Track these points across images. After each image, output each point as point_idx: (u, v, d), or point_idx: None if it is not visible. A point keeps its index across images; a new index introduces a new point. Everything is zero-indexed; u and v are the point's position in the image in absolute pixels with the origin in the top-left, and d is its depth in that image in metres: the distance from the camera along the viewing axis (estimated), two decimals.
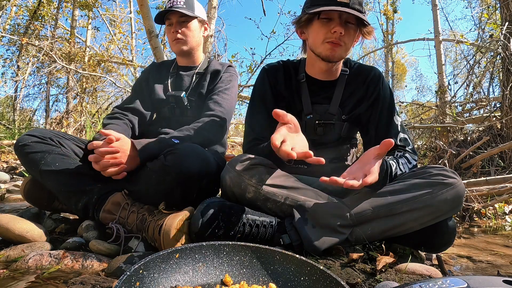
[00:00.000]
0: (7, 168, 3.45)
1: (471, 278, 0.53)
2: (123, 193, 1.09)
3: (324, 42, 1.08)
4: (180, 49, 1.46)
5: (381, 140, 1.16)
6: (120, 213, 1.03)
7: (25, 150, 1.13)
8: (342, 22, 1.05)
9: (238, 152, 5.39)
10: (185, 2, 1.44)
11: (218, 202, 0.94)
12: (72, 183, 1.09)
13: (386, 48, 13.89)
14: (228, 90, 1.44)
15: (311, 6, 1.07)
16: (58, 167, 1.10)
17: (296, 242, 0.90)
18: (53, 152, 1.13)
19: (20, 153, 1.14)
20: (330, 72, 1.20)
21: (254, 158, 1.01)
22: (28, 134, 1.17)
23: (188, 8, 1.44)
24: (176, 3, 1.43)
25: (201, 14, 1.51)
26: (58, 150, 1.15)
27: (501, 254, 1.30)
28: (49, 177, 1.10)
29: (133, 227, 1.01)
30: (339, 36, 1.05)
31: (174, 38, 1.45)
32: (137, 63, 6.94)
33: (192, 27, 1.47)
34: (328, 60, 1.12)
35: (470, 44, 4.96)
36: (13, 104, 8.24)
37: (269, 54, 5.05)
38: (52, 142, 1.18)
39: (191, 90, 1.48)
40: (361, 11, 1.04)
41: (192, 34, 1.47)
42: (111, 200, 1.07)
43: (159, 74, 1.55)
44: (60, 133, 1.25)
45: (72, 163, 1.13)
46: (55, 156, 1.12)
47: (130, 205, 1.05)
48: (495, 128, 3.51)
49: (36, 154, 1.12)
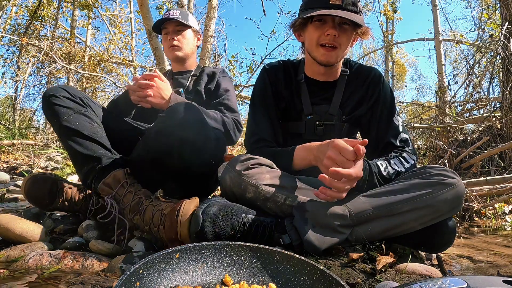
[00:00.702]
0: (7, 168, 3.45)
1: (471, 278, 0.53)
2: (125, 171, 1.10)
3: (319, 45, 1.09)
4: (175, 55, 1.58)
5: (382, 140, 1.17)
6: (117, 190, 1.05)
7: (53, 101, 1.14)
8: (336, 24, 1.06)
9: (238, 152, 5.39)
10: (181, 13, 1.57)
11: (218, 202, 0.94)
12: (84, 145, 1.12)
13: (386, 48, 13.89)
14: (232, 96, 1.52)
15: (305, 10, 1.08)
16: (77, 127, 1.12)
17: (296, 242, 0.90)
18: (78, 111, 1.15)
19: (47, 102, 1.15)
20: (329, 73, 1.21)
21: (254, 158, 1.01)
22: (60, 86, 1.19)
23: (183, 19, 1.57)
24: (172, 14, 1.56)
25: (195, 25, 1.64)
26: (83, 111, 1.17)
27: (501, 254, 1.30)
28: (66, 134, 1.12)
29: (127, 207, 1.02)
30: (334, 38, 1.06)
31: (170, 45, 1.57)
32: (137, 63, 6.95)
33: (187, 35, 1.60)
34: (323, 64, 1.13)
35: (470, 44, 4.97)
36: (13, 104, 8.24)
37: (269, 54, 5.05)
38: (81, 102, 1.20)
39: (188, 89, 1.55)
40: (355, 11, 1.04)
41: (186, 42, 1.59)
42: (113, 174, 1.08)
43: None
44: (89, 98, 1.27)
45: (92, 126, 1.16)
46: (79, 116, 1.14)
47: (129, 184, 1.06)
48: (495, 128, 3.51)
49: (62, 108, 1.14)
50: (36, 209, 1.30)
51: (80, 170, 1.14)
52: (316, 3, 1.05)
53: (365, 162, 0.96)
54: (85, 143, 1.12)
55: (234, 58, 5.47)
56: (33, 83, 8.23)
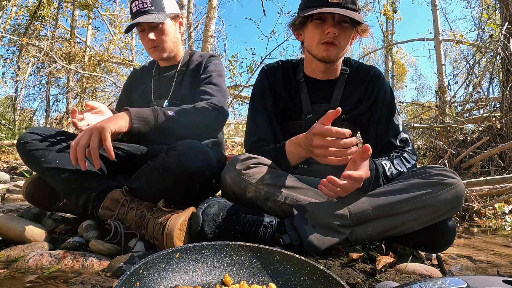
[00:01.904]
0: (7, 168, 3.45)
1: (471, 278, 0.53)
2: (123, 190, 1.09)
3: (319, 43, 1.09)
4: (160, 56, 1.40)
5: (382, 140, 1.17)
6: (119, 210, 1.04)
7: (27, 148, 1.13)
8: (335, 22, 1.06)
9: (238, 152, 5.39)
10: (152, 2, 1.29)
11: (218, 202, 0.94)
12: (72, 179, 1.10)
13: (386, 48, 13.89)
14: (216, 79, 1.38)
15: (305, 9, 1.08)
16: (58, 164, 1.10)
17: (296, 242, 0.90)
18: (54, 150, 1.13)
19: (22, 150, 1.15)
20: (329, 71, 1.20)
21: (254, 158, 1.01)
22: (29, 131, 1.17)
23: (157, 8, 1.29)
24: (143, 6, 1.29)
25: (172, 9, 1.36)
26: (59, 147, 1.16)
27: (500, 254, 1.30)
28: (50, 174, 1.11)
29: (132, 223, 1.01)
30: (333, 36, 1.06)
31: (150, 46, 1.36)
32: (137, 63, 6.95)
33: (166, 29, 1.34)
34: (324, 61, 1.12)
35: (470, 44, 4.97)
36: (13, 104, 8.24)
37: (269, 54, 5.06)
38: (54, 139, 1.18)
39: (174, 93, 1.43)
40: (354, 9, 1.04)
41: (167, 38, 1.36)
42: (110, 196, 1.07)
43: (141, 82, 1.53)
44: (61, 131, 1.25)
45: None
46: (55, 154, 1.13)
47: (129, 201, 1.05)
48: (495, 128, 3.51)
49: (37, 152, 1.12)
50: (36, 209, 1.31)
51: (76, 204, 1.10)
52: (315, 2, 1.05)
53: (371, 162, 0.96)
54: (72, 177, 1.09)
55: (234, 58, 5.47)
56: (33, 83, 8.23)
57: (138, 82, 1.55)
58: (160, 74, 1.50)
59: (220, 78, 1.41)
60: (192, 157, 1.02)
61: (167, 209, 0.99)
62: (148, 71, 1.55)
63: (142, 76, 1.56)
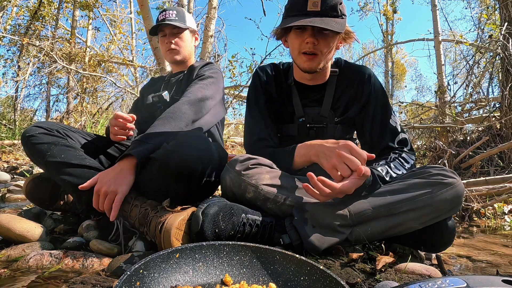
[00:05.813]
0: (8, 168, 3.45)
1: (471, 277, 0.53)
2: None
3: (300, 53, 1.09)
4: (173, 58, 1.55)
5: (377, 141, 1.16)
6: (123, 207, 1.04)
7: (32, 141, 1.13)
8: (315, 31, 1.05)
9: (238, 152, 5.39)
10: (177, 15, 1.53)
11: (218, 202, 0.94)
12: (77, 174, 1.09)
13: (386, 49, 13.89)
14: (205, 79, 1.42)
15: (285, 17, 1.08)
16: (63, 159, 1.10)
17: (296, 242, 0.90)
18: (59, 144, 1.14)
19: (26, 143, 1.15)
20: (317, 77, 1.20)
21: (254, 158, 1.01)
22: (35, 125, 1.18)
23: (180, 20, 1.53)
24: (168, 16, 1.52)
25: (192, 25, 1.60)
26: (64, 142, 1.16)
27: (500, 253, 1.30)
28: (54, 168, 1.11)
29: (135, 221, 1.01)
30: (313, 46, 1.05)
31: (168, 48, 1.54)
32: (137, 63, 6.96)
33: (184, 37, 1.56)
34: (306, 71, 1.12)
35: (469, 45, 4.97)
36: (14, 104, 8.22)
37: (269, 54, 5.05)
38: (59, 134, 1.19)
39: (176, 90, 1.53)
40: (336, 15, 1.02)
41: (184, 44, 1.56)
42: None
43: (154, 86, 1.64)
44: (66, 126, 1.26)
45: (78, 154, 1.14)
46: (61, 148, 1.13)
47: (133, 198, 1.05)
48: (495, 128, 3.51)
49: (42, 145, 1.12)
50: (36, 209, 1.31)
51: (80, 201, 1.10)
52: (294, 10, 1.05)
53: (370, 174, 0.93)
54: (76, 172, 1.09)
55: (234, 58, 5.47)
56: (34, 83, 8.21)
57: (152, 86, 1.67)
58: (170, 79, 1.62)
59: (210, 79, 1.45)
60: (195, 145, 1.03)
61: (171, 209, 0.99)
62: (163, 78, 1.69)
63: (157, 82, 1.68)
